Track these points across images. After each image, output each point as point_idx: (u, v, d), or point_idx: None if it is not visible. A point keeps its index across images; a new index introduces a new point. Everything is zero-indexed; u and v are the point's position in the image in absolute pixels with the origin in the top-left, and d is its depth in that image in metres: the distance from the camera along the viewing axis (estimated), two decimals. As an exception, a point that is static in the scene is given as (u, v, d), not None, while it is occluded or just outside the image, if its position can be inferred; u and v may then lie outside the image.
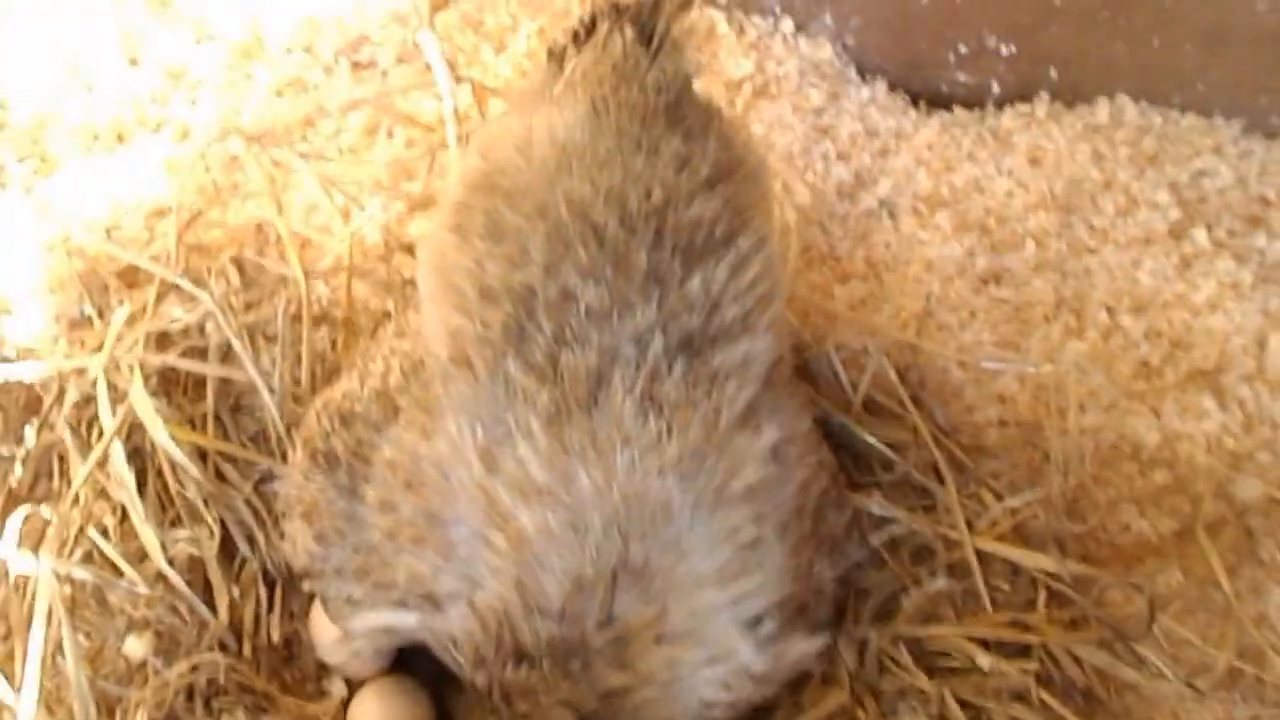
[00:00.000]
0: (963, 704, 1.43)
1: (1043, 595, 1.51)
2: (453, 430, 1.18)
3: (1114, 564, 1.59)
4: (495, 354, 1.17)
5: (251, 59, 1.90)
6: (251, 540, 1.50)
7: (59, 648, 1.34)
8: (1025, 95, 1.98)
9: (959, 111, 1.99)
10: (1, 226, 1.70)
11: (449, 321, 1.21)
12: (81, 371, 1.52)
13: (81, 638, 1.37)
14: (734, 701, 1.24)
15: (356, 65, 1.87)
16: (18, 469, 1.51)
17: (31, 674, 1.30)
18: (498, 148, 1.28)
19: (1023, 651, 1.48)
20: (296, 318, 1.59)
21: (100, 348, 1.52)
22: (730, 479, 1.18)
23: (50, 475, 1.54)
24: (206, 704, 1.38)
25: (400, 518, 1.22)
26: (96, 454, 1.44)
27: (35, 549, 1.37)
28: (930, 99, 1.99)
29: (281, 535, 1.39)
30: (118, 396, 1.50)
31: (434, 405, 1.21)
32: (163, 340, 1.57)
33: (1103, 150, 1.92)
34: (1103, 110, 1.96)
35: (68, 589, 1.37)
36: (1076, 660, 1.49)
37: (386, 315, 1.58)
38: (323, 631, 1.40)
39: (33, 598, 1.34)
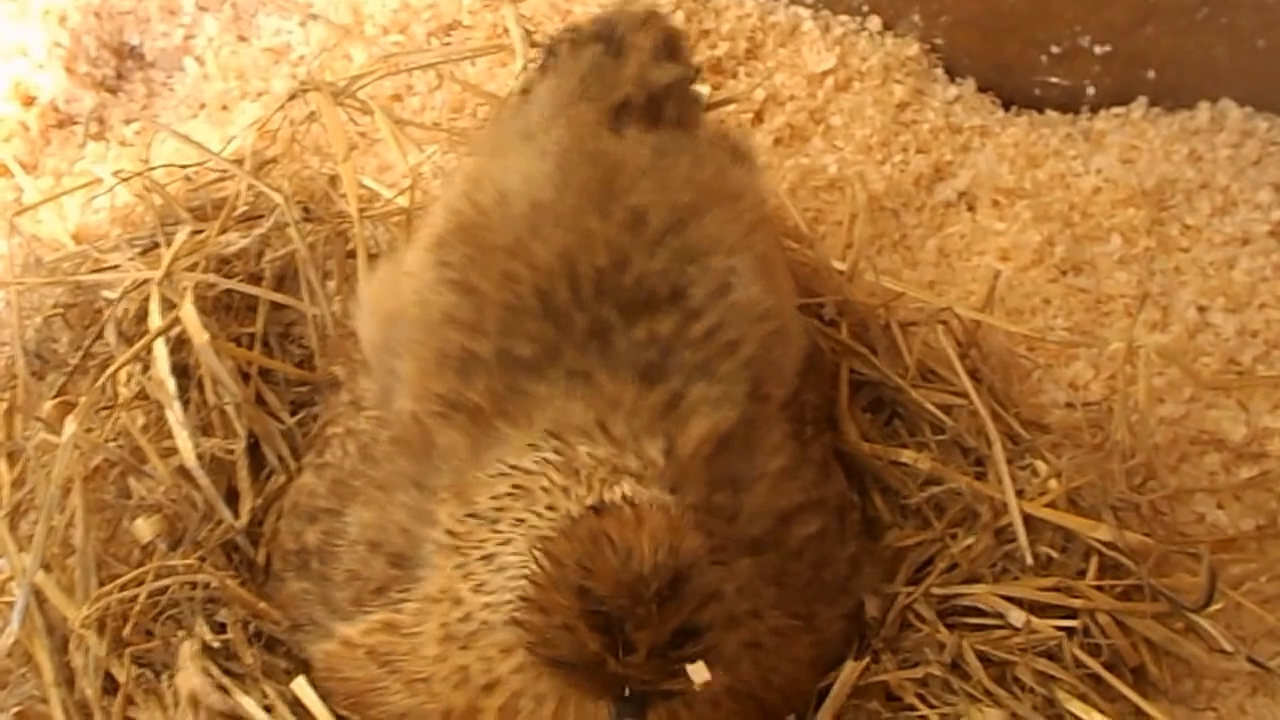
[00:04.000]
0: (986, 660, 1.33)
1: (1095, 565, 1.41)
2: (404, 499, 1.24)
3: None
4: (431, 427, 1.23)
5: (350, 39, 1.98)
6: (283, 461, 1.51)
7: (73, 520, 1.37)
8: (1122, 99, 1.92)
9: (1050, 113, 1.94)
10: (92, 170, 1.81)
11: (411, 385, 1.27)
12: (144, 286, 1.57)
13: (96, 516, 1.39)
14: None
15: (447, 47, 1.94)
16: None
17: (40, 532, 1.33)
18: (482, 191, 1.36)
19: (1069, 619, 1.38)
20: (351, 254, 1.63)
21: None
22: None
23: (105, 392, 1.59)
24: (208, 607, 1.36)
25: (367, 581, 1.25)
26: (138, 347, 1.48)
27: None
28: (1022, 102, 1.95)
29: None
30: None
31: (387, 481, 1.27)
32: (221, 270, 1.61)
33: (1200, 151, 1.85)
34: (1204, 114, 1.89)
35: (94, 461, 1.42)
36: (1126, 631, 1.38)
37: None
38: None
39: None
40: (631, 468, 1.16)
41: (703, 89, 1.68)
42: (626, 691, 1.04)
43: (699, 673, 1.02)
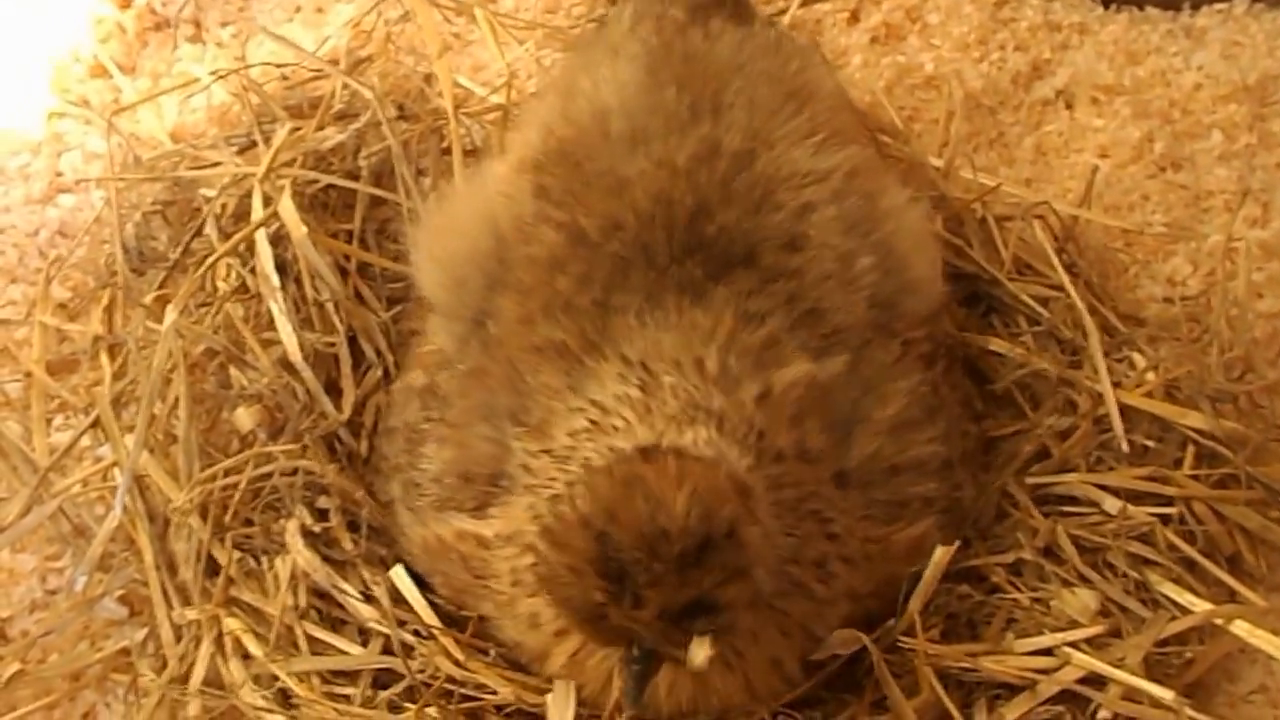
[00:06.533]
0: (1079, 545, 1.33)
1: (1190, 455, 1.40)
2: (487, 431, 1.22)
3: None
4: (523, 365, 1.21)
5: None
6: (380, 354, 1.53)
7: (176, 408, 1.41)
8: (1225, -4, 1.88)
9: (1151, 10, 1.90)
10: (189, 70, 1.85)
11: (509, 324, 1.25)
12: (242, 182, 1.60)
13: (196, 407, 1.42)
14: None
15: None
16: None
17: (143, 416, 1.37)
18: (577, 109, 1.35)
19: (1164, 508, 1.37)
20: (446, 151, 1.64)
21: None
22: None
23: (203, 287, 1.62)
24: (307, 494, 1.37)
25: (462, 503, 1.24)
26: (239, 238, 1.50)
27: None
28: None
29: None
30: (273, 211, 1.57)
31: (461, 418, 1.25)
32: (318, 168, 1.62)
33: (1305, 45, 1.81)
34: (1310, 8, 1.85)
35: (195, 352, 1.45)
36: (1222, 520, 1.37)
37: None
38: None
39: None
40: (715, 407, 1.11)
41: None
42: (635, 650, 1.02)
43: (700, 649, 0.99)
